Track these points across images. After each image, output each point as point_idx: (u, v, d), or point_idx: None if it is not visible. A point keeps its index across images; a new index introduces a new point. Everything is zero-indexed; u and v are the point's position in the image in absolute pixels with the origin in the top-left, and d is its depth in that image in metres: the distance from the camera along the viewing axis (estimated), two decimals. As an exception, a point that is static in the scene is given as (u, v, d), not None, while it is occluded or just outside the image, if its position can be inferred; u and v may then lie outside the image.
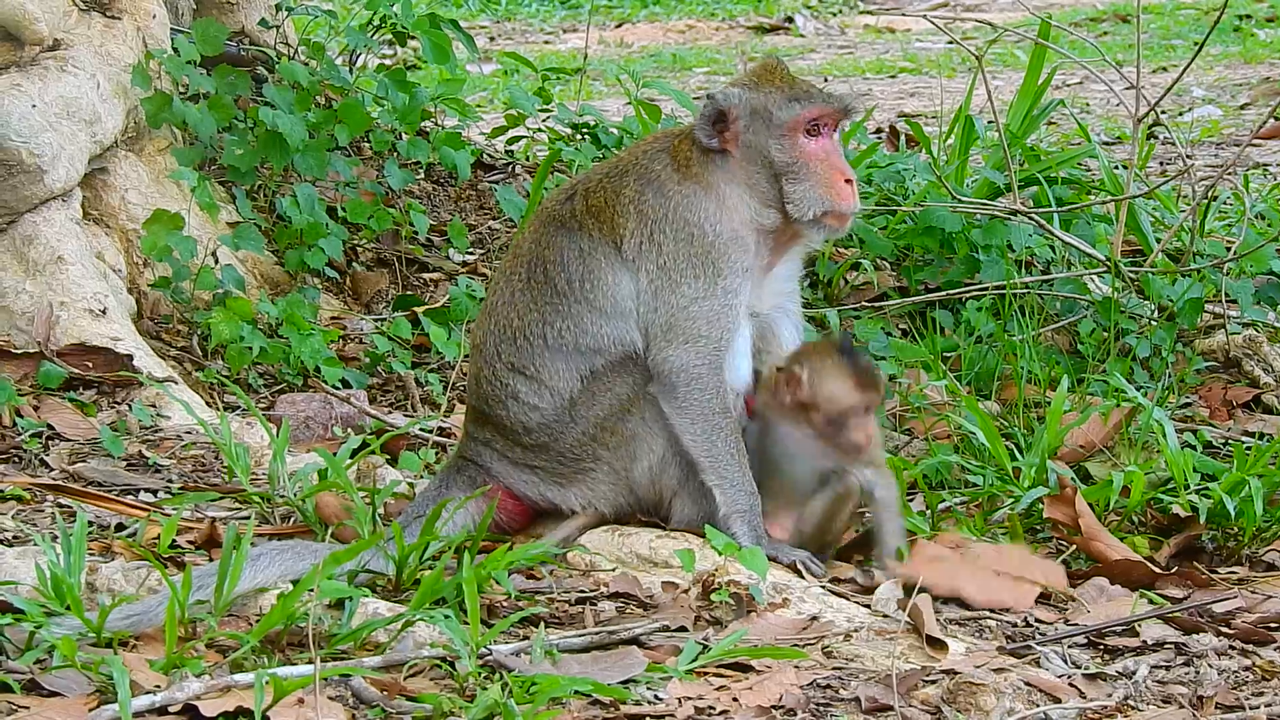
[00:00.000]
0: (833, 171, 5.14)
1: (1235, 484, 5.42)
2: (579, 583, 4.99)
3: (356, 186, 7.37)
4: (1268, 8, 16.86)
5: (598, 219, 5.18)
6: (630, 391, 5.12)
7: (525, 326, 5.18)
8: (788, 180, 5.14)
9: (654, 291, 5.10)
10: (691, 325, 5.09)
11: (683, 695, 4.30)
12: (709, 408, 5.08)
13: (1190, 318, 6.99)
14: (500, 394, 5.20)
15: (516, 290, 5.23)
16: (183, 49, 6.89)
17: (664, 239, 5.12)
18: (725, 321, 5.10)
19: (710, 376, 5.09)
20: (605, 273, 5.14)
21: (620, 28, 17.51)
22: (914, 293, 7.40)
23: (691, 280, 5.10)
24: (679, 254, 5.11)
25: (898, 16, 17.79)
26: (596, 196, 5.21)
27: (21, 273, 6.30)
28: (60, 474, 5.69)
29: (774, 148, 5.16)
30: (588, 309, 5.13)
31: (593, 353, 5.13)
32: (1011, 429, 6.03)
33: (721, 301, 5.09)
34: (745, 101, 5.16)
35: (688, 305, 5.09)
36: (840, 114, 5.19)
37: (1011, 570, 5.02)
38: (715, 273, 5.10)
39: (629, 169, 5.24)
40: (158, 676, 4.24)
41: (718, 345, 5.10)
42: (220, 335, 6.50)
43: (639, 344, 5.13)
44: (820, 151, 5.15)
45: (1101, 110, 12.45)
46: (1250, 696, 4.46)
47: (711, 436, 5.09)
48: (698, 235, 5.11)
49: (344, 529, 5.16)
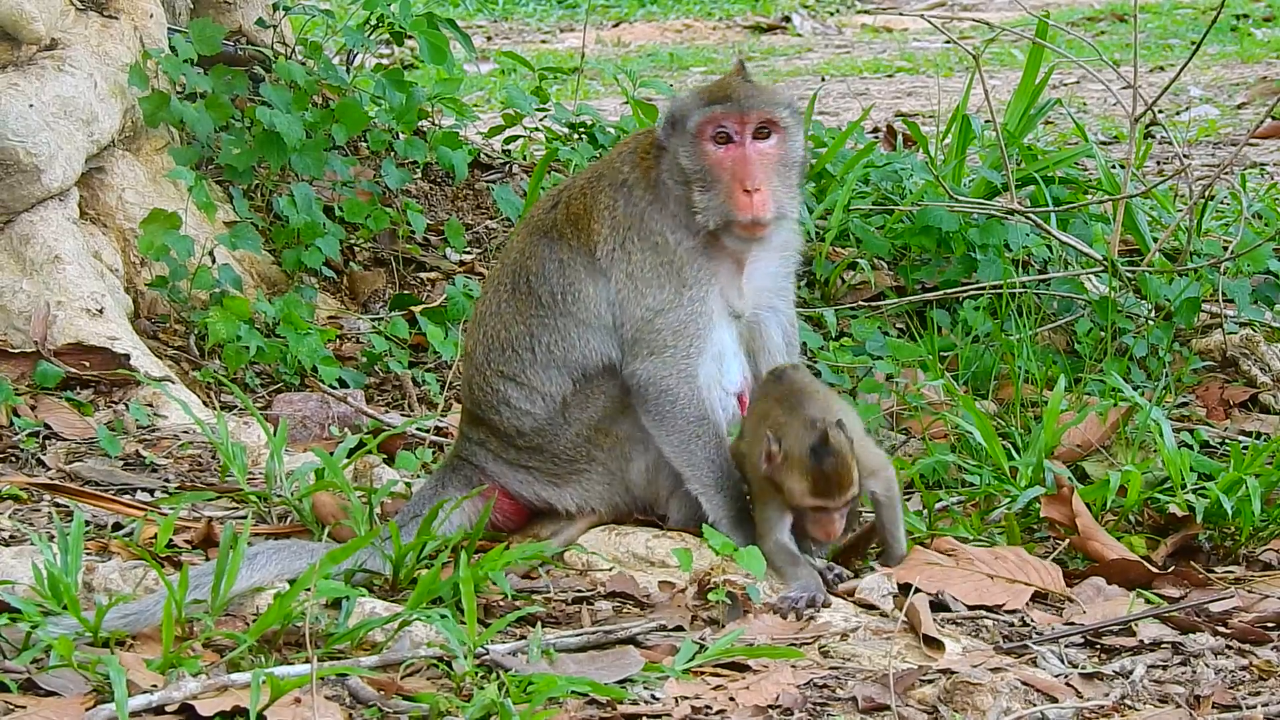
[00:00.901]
0: (733, 182, 4.97)
1: (1232, 483, 5.42)
2: (576, 582, 4.99)
3: (353, 186, 7.37)
4: (1265, 7, 16.87)
5: (575, 227, 5.13)
6: (623, 394, 5.11)
7: (513, 339, 5.16)
8: (695, 188, 5.01)
9: (621, 302, 5.06)
10: (657, 337, 5.03)
11: (679, 695, 4.30)
12: (683, 417, 5.04)
13: (1187, 317, 6.99)
14: (492, 400, 5.19)
15: (503, 300, 5.21)
16: (180, 48, 6.89)
17: (633, 247, 5.06)
18: (693, 330, 5.03)
19: (681, 387, 5.03)
20: (585, 284, 5.09)
21: (617, 27, 17.52)
22: (911, 292, 7.40)
23: (656, 291, 5.04)
24: (645, 263, 5.05)
25: (895, 16, 17.80)
26: (576, 204, 5.16)
27: (18, 272, 6.30)
28: (57, 473, 5.69)
29: (682, 154, 5.02)
30: (572, 323, 5.11)
31: (581, 363, 5.12)
32: (1009, 428, 6.04)
33: (688, 310, 5.02)
34: (676, 104, 5.07)
35: (652, 317, 5.04)
36: (746, 119, 4.98)
37: (1007, 573, 5.02)
38: (680, 282, 5.03)
39: (604, 174, 5.17)
40: (154, 676, 4.23)
41: (686, 355, 5.03)
42: (217, 334, 6.49)
43: (620, 356, 5.11)
44: (726, 159, 4.99)
45: (1099, 110, 12.45)
46: (1247, 696, 4.46)
47: (689, 446, 5.05)
48: (661, 244, 5.04)
49: (341, 528, 5.16)
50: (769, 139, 5.02)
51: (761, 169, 4.99)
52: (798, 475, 4.80)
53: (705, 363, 5.07)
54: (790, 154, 5.07)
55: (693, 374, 5.05)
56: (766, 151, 5.01)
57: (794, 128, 5.08)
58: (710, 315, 5.05)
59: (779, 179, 5.03)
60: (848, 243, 7.61)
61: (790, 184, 5.08)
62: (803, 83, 13.94)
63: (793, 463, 4.80)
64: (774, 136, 5.03)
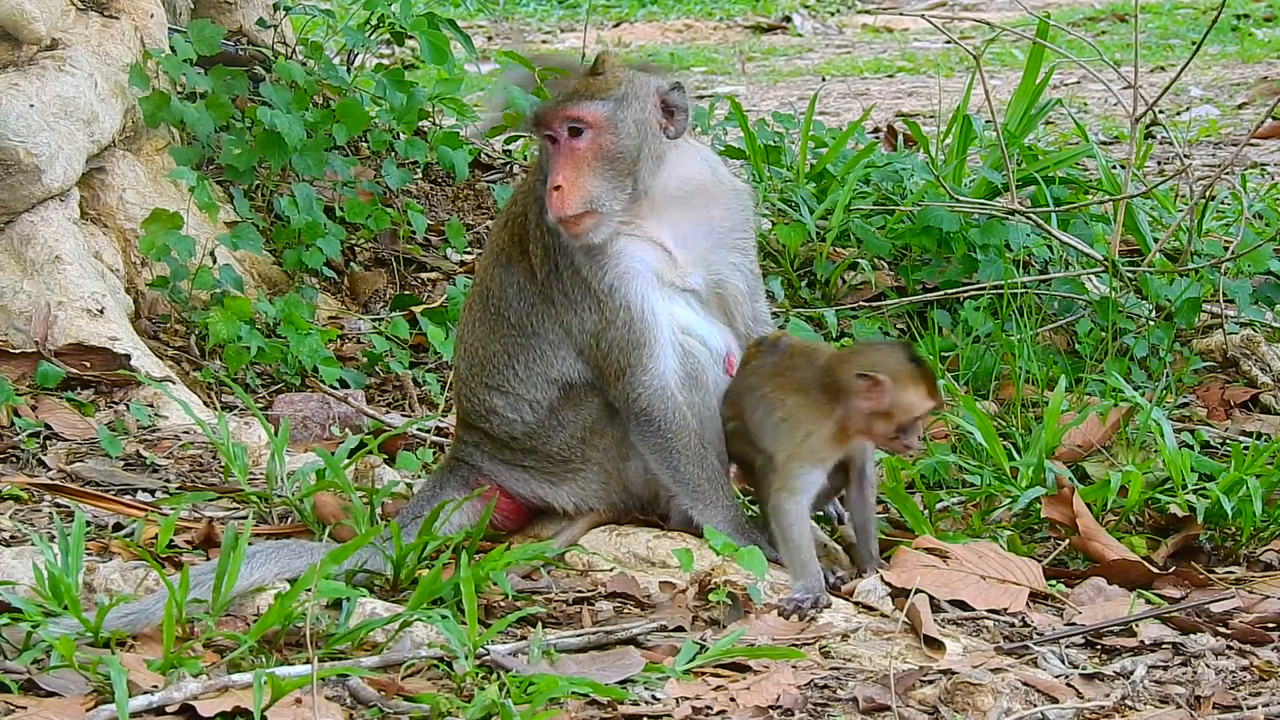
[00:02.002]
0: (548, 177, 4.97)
1: (1233, 484, 5.42)
2: (576, 583, 4.99)
3: (354, 186, 7.37)
4: (1265, 7, 16.87)
5: (521, 249, 5.11)
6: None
7: (491, 357, 5.15)
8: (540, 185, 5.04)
9: (570, 327, 5.05)
10: (608, 361, 5.00)
11: (680, 695, 4.30)
12: (664, 434, 5.01)
13: (1188, 317, 6.99)
14: (480, 409, 5.19)
15: (476, 320, 5.20)
16: (180, 48, 6.89)
17: (562, 265, 5.03)
18: (637, 339, 4.97)
19: (654, 403, 4.99)
20: (542, 308, 5.08)
21: (618, 27, 17.51)
22: (912, 292, 7.40)
23: (587, 314, 5.01)
24: (572, 282, 5.01)
25: (895, 16, 17.79)
26: (516, 224, 5.14)
27: (19, 272, 6.30)
28: (58, 474, 5.69)
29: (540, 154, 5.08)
30: (544, 343, 5.09)
31: (563, 377, 5.09)
32: (1009, 429, 6.03)
33: (623, 321, 4.98)
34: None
35: (596, 342, 5.01)
36: (553, 117, 4.96)
37: (995, 573, 5.02)
38: (603, 295, 4.98)
39: (532, 188, 5.13)
40: (155, 676, 4.23)
41: (645, 369, 4.98)
42: (218, 335, 6.50)
43: (594, 376, 5.08)
44: (551, 158, 4.99)
45: (1099, 110, 12.45)
46: (1248, 696, 4.46)
47: (674, 461, 5.02)
48: (576, 256, 5.00)
49: (342, 529, 5.16)
50: (580, 136, 4.98)
51: (569, 165, 4.96)
52: (911, 387, 4.89)
53: (669, 362, 5.01)
54: (608, 147, 4.99)
55: (662, 385, 5.00)
56: (578, 147, 4.98)
57: (612, 120, 4.99)
58: (647, 314, 4.99)
59: (594, 174, 4.96)
60: (848, 243, 7.61)
61: (616, 175, 4.98)
62: (803, 83, 13.94)
63: (903, 379, 4.88)
64: (587, 133, 4.98)
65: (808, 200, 7.78)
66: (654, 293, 5.02)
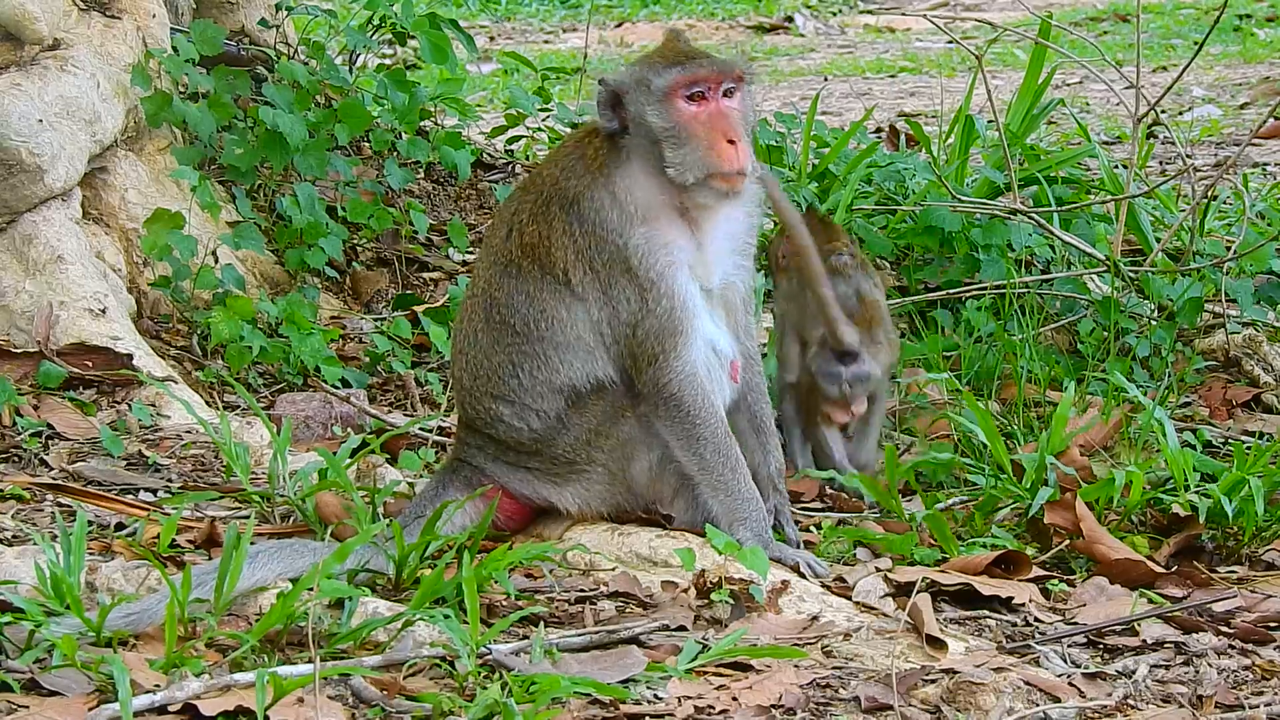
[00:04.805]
0: (714, 133, 5.00)
1: (1235, 483, 5.42)
2: (579, 582, 4.99)
3: (356, 186, 7.37)
4: (1268, 7, 16.87)
5: (534, 257, 5.11)
6: (620, 400, 5.10)
7: (495, 367, 5.16)
8: (668, 147, 5.01)
9: (605, 320, 5.07)
10: (642, 349, 5.04)
11: (682, 694, 4.30)
12: (692, 420, 5.05)
13: (1190, 317, 6.99)
14: (486, 417, 5.19)
15: (479, 330, 5.20)
16: (182, 48, 6.89)
17: (599, 265, 5.05)
18: (675, 327, 5.03)
19: (685, 389, 5.04)
20: (559, 309, 5.09)
21: (620, 27, 17.51)
22: (914, 292, 7.40)
23: (625, 304, 5.04)
24: (614, 278, 5.04)
25: (898, 16, 17.80)
26: (529, 232, 5.13)
27: (21, 272, 6.30)
28: (60, 473, 5.69)
29: (652, 115, 5.03)
30: (551, 347, 5.10)
31: (569, 383, 5.11)
32: (1011, 429, 6.03)
33: (664, 309, 5.02)
34: (630, 75, 5.08)
35: (632, 330, 5.04)
36: (720, 77, 5.04)
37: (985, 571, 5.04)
38: (647, 284, 5.02)
39: (551, 196, 5.13)
40: (157, 676, 4.24)
41: (679, 355, 5.04)
42: (220, 335, 6.49)
43: (612, 373, 5.10)
44: (701, 114, 5.02)
45: (1101, 110, 12.45)
46: (1250, 696, 4.46)
47: (699, 449, 5.06)
48: (619, 252, 5.04)
49: (344, 528, 5.16)
50: (733, 97, 5.08)
51: (739, 123, 5.06)
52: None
53: (700, 351, 5.07)
54: (749, 112, 5.16)
55: (692, 372, 5.05)
56: (735, 107, 5.07)
57: (749, 88, 5.15)
58: (689, 303, 5.05)
59: (745, 135, 5.09)
60: (850, 243, 7.60)
61: (749, 141, 5.12)
62: (805, 83, 13.94)
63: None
64: (737, 95, 5.09)
65: (810, 200, 7.78)
66: (692, 285, 5.09)
